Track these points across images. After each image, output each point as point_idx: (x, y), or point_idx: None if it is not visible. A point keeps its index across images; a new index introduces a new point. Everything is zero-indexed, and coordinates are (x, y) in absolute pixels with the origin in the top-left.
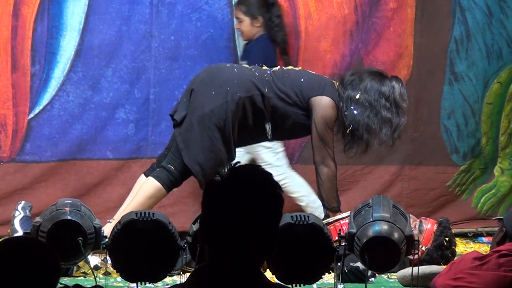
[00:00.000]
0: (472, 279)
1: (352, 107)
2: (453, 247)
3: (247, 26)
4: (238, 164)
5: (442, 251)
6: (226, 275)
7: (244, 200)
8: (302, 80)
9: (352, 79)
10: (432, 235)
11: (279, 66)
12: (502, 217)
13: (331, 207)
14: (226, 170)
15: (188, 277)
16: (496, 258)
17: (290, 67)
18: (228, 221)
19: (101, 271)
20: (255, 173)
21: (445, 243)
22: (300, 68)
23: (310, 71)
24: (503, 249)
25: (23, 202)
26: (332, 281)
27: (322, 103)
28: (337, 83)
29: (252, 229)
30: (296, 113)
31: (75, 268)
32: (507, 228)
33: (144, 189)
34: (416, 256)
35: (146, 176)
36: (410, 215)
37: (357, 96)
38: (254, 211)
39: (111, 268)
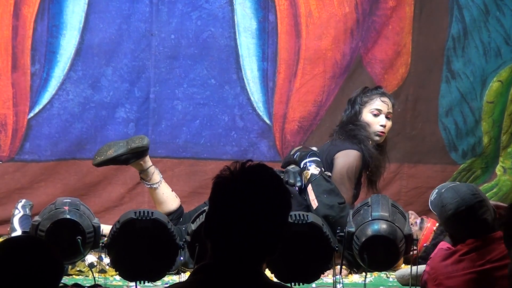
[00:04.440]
0: (450, 283)
1: None
2: None
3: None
4: (249, 163)
5: None
6: (227, 274)
7: (252, 199)
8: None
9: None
10: (432, 234)
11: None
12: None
13: None
14: (237, 167)
15: (189, 276)
16: (459, 257)
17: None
18: (234, 218)
19: (96, 269)
20: (266, 174)
21: None
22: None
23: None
24: (465, 248)
25: (23, 201)
26: (330, 280)
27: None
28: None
29: (257, 229)
30: None
31: (70, 266)
32: (438, 216)
33: None
34: (414, 252)
35: None
36: (411, 212)
37: None
38: (260, 211)
39: (106, 266)
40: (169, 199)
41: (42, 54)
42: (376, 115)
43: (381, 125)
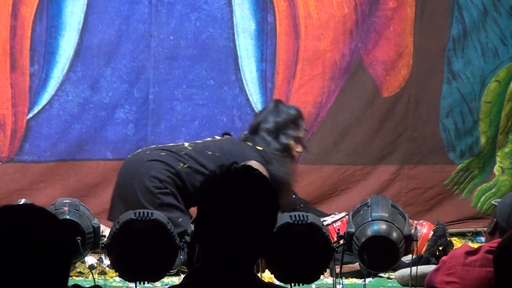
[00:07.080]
0: (464, 274)
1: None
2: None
3: None
4: (235, 166)
5: (435, 258)
6: (220, 276)
7: (239, 201)
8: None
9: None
10: (426, 244)
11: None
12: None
13: None
14: (223, 170)
15: (183, 279)
16: (484, 253)
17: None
18: (222, 221)
19: (96, 270)
20: (252, 175)
21: (437, 253)
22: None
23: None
24: (492, 245)
25: (23, 200)
26: (330, 280)
27: None
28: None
29: (246, 231)
30: None
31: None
32: (498, 218)
33: None
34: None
35: None
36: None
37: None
38: (248, 212)
39: (106, 267)
40: None
41: (41, 55)
42: None
43: None
